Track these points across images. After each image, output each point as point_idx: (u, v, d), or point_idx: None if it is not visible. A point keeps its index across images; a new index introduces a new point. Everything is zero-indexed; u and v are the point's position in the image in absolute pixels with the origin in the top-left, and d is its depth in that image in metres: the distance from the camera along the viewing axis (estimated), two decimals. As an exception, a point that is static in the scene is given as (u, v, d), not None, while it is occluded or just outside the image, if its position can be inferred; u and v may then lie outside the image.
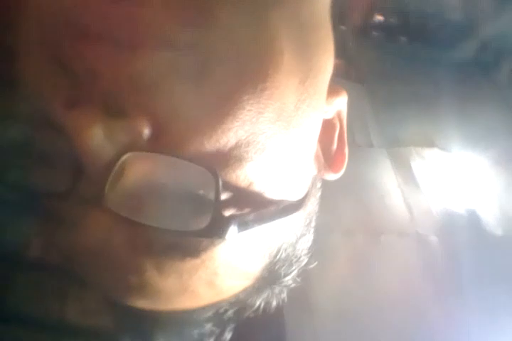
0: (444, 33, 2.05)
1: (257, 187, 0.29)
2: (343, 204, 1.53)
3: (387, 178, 1.68)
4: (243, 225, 0.29)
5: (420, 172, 1.73)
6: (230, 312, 0.36)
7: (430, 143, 1.84)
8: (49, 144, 0.27)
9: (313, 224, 0.38)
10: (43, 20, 0.27)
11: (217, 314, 0.36)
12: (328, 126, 0.37)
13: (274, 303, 0.39)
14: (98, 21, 0.26)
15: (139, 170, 0.27)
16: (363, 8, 2.11)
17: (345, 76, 2.23)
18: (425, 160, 1.78)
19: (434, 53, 2.08)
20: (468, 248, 1.44)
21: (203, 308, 0.34)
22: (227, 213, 0.28)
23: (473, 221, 1.59)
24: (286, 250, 0.35)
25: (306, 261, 0.39)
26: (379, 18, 2.22)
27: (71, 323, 0.31)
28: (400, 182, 1.68)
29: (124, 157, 0.26)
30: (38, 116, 0.27)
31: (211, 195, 0.27)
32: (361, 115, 1.93)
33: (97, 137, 0.25)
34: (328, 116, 0.37)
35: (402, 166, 1.74)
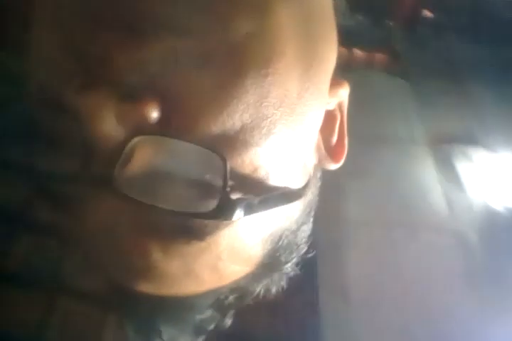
0: (494, 30, 2.00)
1: (262, 172, 0.31)
2: (382, 198, 1.52)
3: (428, 175, 1.66)
4: (249, 209, 0.29)
5: (463, 170, 1.71)
6: (231, 299, 0.38)
7: (474, 142, 1.81)
8: (59, 127, 0.28)
9: (312, 213, 0.39)
10: (56, 7, 0.29)
11: (218, 300, 0.37)
12: (329, 117, 0.38)
13: (274, 290, 0.40)
14: (109, 8, 0.27)
15: (148, 152, 0.28)
16: (412, 4, 2.08)
17: (390, 71, 2.21)
18: (468, 159, 1.76)
19: (482, 51, 2.03)
20: (509, 248, 1.42)
21: (205, 294, 0.35)
22: (234, 196, 0.29)
23: (515, 221, 1.56)
24: (287, 237, 0.36)
25: (305, 249, 0.40)
26: (428, 14, 2.18)
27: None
28: (441, 179, 1.66)
29: (134, 140, 0.27)
30: (49, 99, 0.28)
31: (218, 179, 0.28)
32: (405, 111, 1.91)
33: (108, 119, 0.26)
34: (330, 108, 0.38)
35: (445, 163, 1.71)
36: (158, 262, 0.30)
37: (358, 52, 2.18)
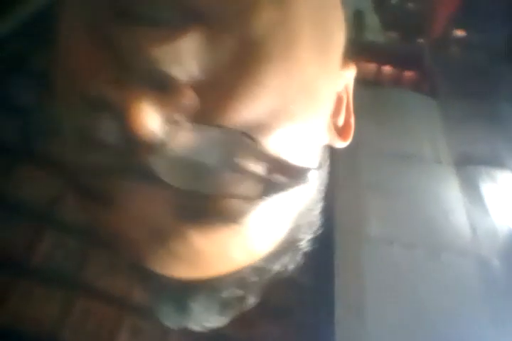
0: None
1: (285, 154, 0.31)
2: (405, 217, 1.51)
3: (453, 196, 1.64)
4: (279, 189, 0.31)
5: (488, 193, 1.68)
6: (254, 277, 0.39)
7: (501, 165, 1.78)
8: (93, 120, 0.28)
9: (323, 188, 0.41)
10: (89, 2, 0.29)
11: (242, 279, 0.38)
12: (337, 98, 0.39)
13: (291, 267, 0.41)
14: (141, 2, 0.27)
15: (184, 140, 0.28)
16: (444, 23, 2.07)
17: (418, 89, 2.21)
18: (495, 182, 1.73)
19: (514, 72, 2.01)
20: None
21: (231, 274, 0.36)
22: (270, 177, 0.30)
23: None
24: (306, 215, 0.38)
25: (318, 225, 0.41)
26: (459, 33, 2.17)
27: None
28: (466, 201, 1.64)
29: (169, 128, 0.27)
30: (77, 93, 0.28)
31: (250, 161, 0.29)
32: (431, 130, 1.89)
33: (145, 110, 0.26)
34: (338, 89, 0.39)
35: (470, 185, 1.69)
36: (198, 246, 0.32)
37: (387, 69, 2.18)
